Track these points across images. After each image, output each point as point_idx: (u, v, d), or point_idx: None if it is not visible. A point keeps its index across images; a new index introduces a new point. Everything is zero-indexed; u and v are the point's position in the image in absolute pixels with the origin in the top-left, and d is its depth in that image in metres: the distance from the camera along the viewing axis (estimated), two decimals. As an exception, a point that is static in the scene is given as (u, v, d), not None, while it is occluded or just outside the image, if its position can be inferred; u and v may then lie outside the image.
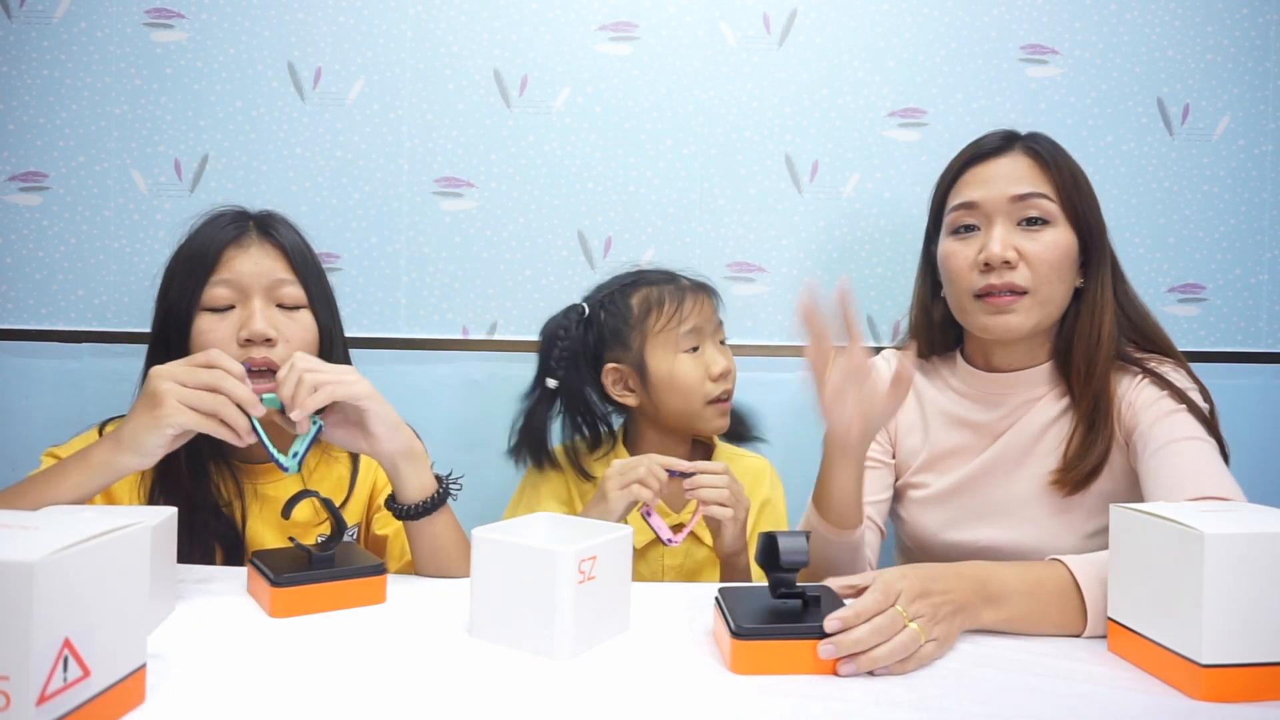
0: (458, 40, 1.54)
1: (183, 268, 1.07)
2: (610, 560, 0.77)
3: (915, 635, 0.71)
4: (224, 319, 1.05)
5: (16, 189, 1.53)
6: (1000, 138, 1.09)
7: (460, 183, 1.55)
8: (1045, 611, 0.80)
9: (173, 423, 0.84)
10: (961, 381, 1.15)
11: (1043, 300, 1.04)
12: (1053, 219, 1.04)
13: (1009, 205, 1.04)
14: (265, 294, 1.06)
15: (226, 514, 1.08)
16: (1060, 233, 1.04)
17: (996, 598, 0.79)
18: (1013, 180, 1.05)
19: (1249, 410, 1.56)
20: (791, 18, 1.55)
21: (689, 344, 1.20)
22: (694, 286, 1.23)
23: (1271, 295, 1.58)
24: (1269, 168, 1.57)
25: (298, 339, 1.07)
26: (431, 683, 0.68)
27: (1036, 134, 1.10)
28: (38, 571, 0.51)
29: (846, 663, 0.70)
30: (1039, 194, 1.04)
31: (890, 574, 0.76)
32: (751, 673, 0.70)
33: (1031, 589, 0.80)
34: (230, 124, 1.53)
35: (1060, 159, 1.06)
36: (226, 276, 1.05)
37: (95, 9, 1.52)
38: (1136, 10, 1.55)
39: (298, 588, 0.83)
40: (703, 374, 1.19)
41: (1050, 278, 1.03)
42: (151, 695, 0.63)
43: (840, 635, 0.70)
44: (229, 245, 1.06)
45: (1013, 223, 1.05)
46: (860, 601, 0.72)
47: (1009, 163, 1.07)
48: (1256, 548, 0.65)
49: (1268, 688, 0.65)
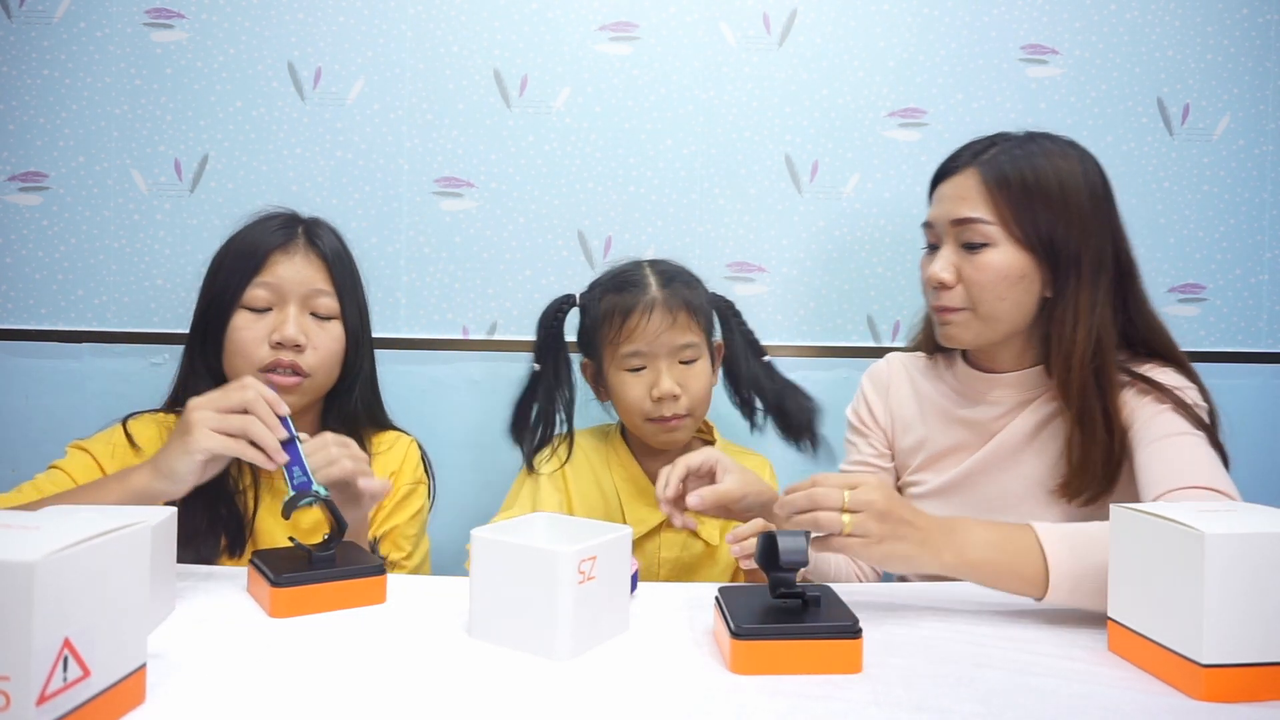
0: (458, 40, 1.54)
1: (230, 264, 1.12)
2: (610, 560, 0.77)
3: (837, 521, 0.78)
4: (260, 319, 1.11)
5: (16, 189, 1.53)
6: (963, 154, 1.09)
7: (460, 183, 1.55)
8: (1010, 566, 0.82)
9: (201, 448, 0.87)
10: (958, 380, 1.17)
11: (983, 316, 1.07)
12: (992, 241, 1.04)
13: (952, 228, 1.07)
14: (301, 302, 1.12)
15: (238, 502, 1.10)
16: (1000, 253, 1.04)
17: (961, 544, 0.82)
18: (956, 203, 1.07)
19: (1249, 410, 1.56)
20: (791, 18, 1.55)
21: (632, 364, 1.19)
22: (667, 304, 1.19)
23: (1271, 295, 1.58)
24: (1269, 168, 1.57)
25: (325, 348, 1.13)
26: (431, 683, 0.68)
27: (1013, 144, 1.07)
28: (38, 571, 0.51)
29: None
30: (975, 219, 1.05)
31: (871, 483, 0.81)
32: (751, 672, 0.70)
33: (996, 542, 0.83)
34: (230, 124, 1.54)
35: (1016, 177, 1.04)
36: (269, 280, 1.11)
37: (95, 9, 1.52)
38: (1136, 10, 1.55)
39: (298, 588, 0.83)
40: (644, 393, 1.18)
41: (985, 297, 1.05)
42: (151, 695, 0.63)
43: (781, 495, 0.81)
44: (276, 250, 1.12)
45: (958, 244, 1.07)
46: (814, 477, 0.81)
47: (959, 183, 1.07)
48: (1256, 548, 0.65)
49: (1268, 688, 0.65)
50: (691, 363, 1.21)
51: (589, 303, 1.25)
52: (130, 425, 1.12)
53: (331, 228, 1.20)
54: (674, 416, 1.19)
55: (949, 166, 1.11)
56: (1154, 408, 1.00)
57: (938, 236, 1.10)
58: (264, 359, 1.09)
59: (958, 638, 0.79)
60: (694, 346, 1.20)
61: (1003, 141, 1.08)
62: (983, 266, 1.05)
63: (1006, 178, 1.04)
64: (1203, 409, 1.01)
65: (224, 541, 1.08)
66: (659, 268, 1.25)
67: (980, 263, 1.05)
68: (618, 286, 1.22)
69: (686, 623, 0.83)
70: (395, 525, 1.18)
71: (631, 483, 1.25)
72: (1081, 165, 1.07)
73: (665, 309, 1.19)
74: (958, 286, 1.07)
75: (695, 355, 1.21)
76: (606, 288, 1.23)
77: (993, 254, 1.05)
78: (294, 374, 1.10)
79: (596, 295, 1.24)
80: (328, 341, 1.14)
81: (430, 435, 1.33)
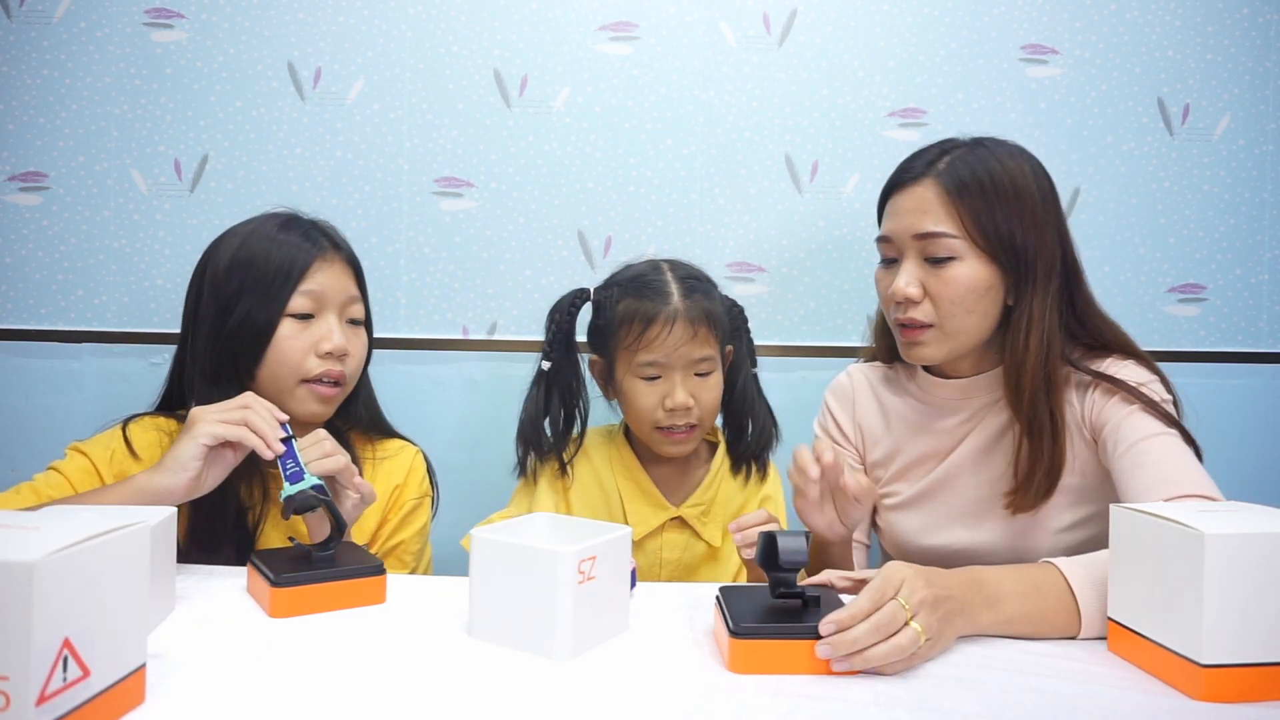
0: (458, 40, 1.54)
1: (260, 276, 1.08)
2: (610, 560, 0.77)
3: (915, 635, 0.71)
4: (305, 328, 1.09)
5: (16, 189, 1.53)
6: (924, 162, 1.07)
7: (460, 183, 1.55)
8: (1042, 613, 0.79)
9: (204, 432, 0.91)
10: (921, 389, 1.17)
11: (951, 332, 1.05)
12: (958, 254, 1.03)
13: (913, 242, 1.05)
14: (339, 310, 1.12)
15: (247, 519, 1.08)
16: (967, 266, 1.03)
17: (994, 600, 0.79)
18: (917, 216, 1.05)
19: (1249, 410, 1.56)
20: (791, 18, 1.55)
21: (647, 373, 1.17)
22: (689, 316, 1.15)
23: (1271, 295, 1.58)
24: (1269, 168, 1.57)
25: (358, 355, 1.14)
26: (431, 683, 0.68)
27: (967, 149, 1.06)
28: (38, 571, 0.51)
29: (840, 662, 0.70)
30: (940, 233, 1.03)
31: (893, 568, 0.76)
32: (750, 672, 0.70)
33: (1027, 591, 0.80)
34: (230, 124, 1.53)
35: (974, 183, 1.02)
36: (311, 288, 1.09)
37: (95, 9, 1.52)
38: (1136, 10, 1.55)
39: (298, 588, 0.83)
40: (656, 402, 1.17)
41: (954, 312, 1.04)
42: (151, 695, 0.63)
43: (837, 636, 0.70)
44: (318, 257, 1.11)
45: (920, 258, 1.05)
46: (859, 599, 0.72)
47: (918, 194, 1.05)
48: (1256, 548, 0.65)
49: (1268, 688, 0.65)
50: (706, 375, 1.19)
51: (604, 301, 1.21)
52: (130, 430, 1.10)
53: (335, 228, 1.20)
54: (685, 428, 1.18)
55: (901, 178, 1.08)
56: (1123, 409, 0.99)
57: (897, 250, 1.08)
58: (312, 369, 1.08)
59: (957, 638, 0.79)
60: (710, 359, 1.19)
61: (953, 148, 1.07)
62: (950, 281, 1.03)
63: (965, 184, 1.03)
64: (1169, 402, 1.00)
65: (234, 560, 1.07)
66: (679, 273, 1.20)
67: (947, 277, 1.03)
68: (638, 291, 1.18)
69: (686, 623, 0.83)
70: (400, 541, 1.18)
71: (634, 483, 1.25)
72: (1030, 166, 1.06)
73: (687, 322, 1.15)
74: (924, 301, 1.05)
75: (710, 368, 1.19)
76: (626, 290, 1.19)
77: (959, 267, 1.03)
78: (334, 384, 1.10)
79: (614, 295, 1.20)
80: (360, 349, 1.14)
81: (430, 435, 1.33)
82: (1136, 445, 0.95)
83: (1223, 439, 1.53)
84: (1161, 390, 1.02)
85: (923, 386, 1.16)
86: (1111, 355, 1.06)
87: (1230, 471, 0.96)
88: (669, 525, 1.23)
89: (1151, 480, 0.92)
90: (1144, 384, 1.01)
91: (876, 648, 0.69)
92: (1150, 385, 1.01)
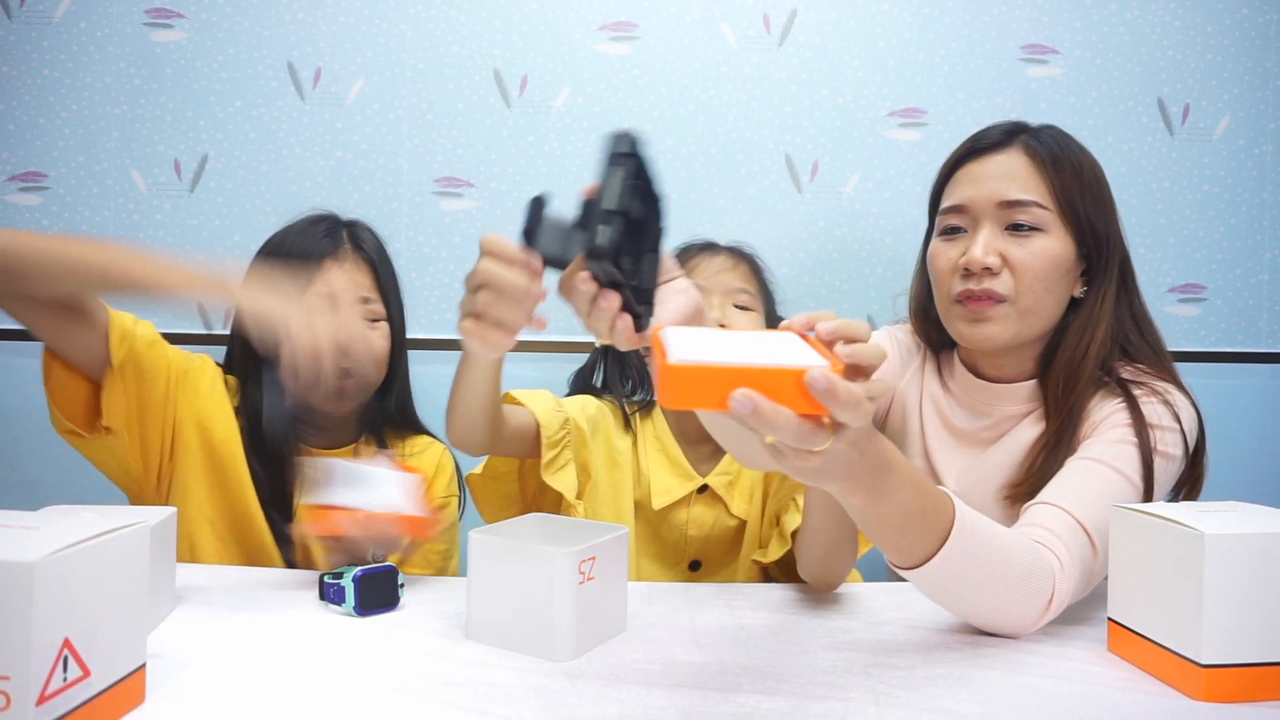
0: (458, 40, 1.54)
1: (281, 270, 1.10)
2: (609, 560, 0.77)
3: (824, 437, 0.56)
4: None
5: (16, 189, 1.53)
6: (1002, 132, 1.02)
7: (460, 183, 1.55)
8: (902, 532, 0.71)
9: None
10: (959, 386, 1.10)
11: (1024, 310, 0.97)
12: (1045, 226, 0.97)
13: (997, 210, 0.98)
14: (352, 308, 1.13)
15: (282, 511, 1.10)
16: (1052, 240, 0.97)
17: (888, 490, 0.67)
18: (1004, 182, 0.98)
19: (1249, 410, 1.56)
20: (791, 18, 1.55)
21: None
22: (730, 250, 1.22)
23: (1271, 295, 1.58)
24: (1269, 168, 1.57)
25: (378, 350, 1.15)
26: (431, 683, 0.68)
27: (1044, 129, 1.02)
28: (38, 571, 0.51)
29: (751, 401, 0.52)
30: (1031, 201, 0.97)
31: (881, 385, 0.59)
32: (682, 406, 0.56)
33: (913, 510, 0.70)
34: (230, 124, 1.54)
35: (1065, 158, 0.99)
36: (322, 289, 1.11)
37: (95, 9, 1.52)
38: (1136, 10, 1.55)
39: None
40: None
41: (1035, 287, 0.96)
42: (151, 695, 0.63)
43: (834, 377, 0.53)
44: (327, 257, 1.12)
45: (1000, 227, 0.98)
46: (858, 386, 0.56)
47: (1004, 161, 1.00)
48: (1256, 548, 0.65)
49: (1268, 688, 0.65)
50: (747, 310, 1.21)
51: None
52: (208, 363, 1.13)
53: (371, 230, 1.20)
54: None
55: (983, 145, 1.02)
56: (1111, 433, 0.92)
57: (971, 220, 1.00)
58: None
59: (958, 638, 0.79)
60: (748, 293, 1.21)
61: (1030, 128, 1.02)
62: (1037, 253, 0.96)
63: (1057, 158, 0.98)
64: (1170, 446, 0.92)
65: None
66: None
67: (1034, 248, 0.96)
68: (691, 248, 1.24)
69: (687, 623, 0.83)
70: None
71: (664, 453, 1.21)
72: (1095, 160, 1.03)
73: (734, 253, 1.22)
74: (1003, 273, 0.97)
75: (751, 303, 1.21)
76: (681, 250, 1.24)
77: (1045, 239, 0.97)
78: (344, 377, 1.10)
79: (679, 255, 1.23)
80: (379, 343, 1.15)
81: (430, 435, 1.33)
82: (1081, 460, 0.90)
83: (1223, 439, 1.52)
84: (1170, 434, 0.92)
85: (962, 385, 1.08)
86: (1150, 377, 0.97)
87: (1230, 471, 0.95)
88: (695, 500, 1.19)
89: (1054, 485, 0.87)
90: (1157, 426, 0.92)
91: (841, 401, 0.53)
92: (1163, 432, 0.91)
